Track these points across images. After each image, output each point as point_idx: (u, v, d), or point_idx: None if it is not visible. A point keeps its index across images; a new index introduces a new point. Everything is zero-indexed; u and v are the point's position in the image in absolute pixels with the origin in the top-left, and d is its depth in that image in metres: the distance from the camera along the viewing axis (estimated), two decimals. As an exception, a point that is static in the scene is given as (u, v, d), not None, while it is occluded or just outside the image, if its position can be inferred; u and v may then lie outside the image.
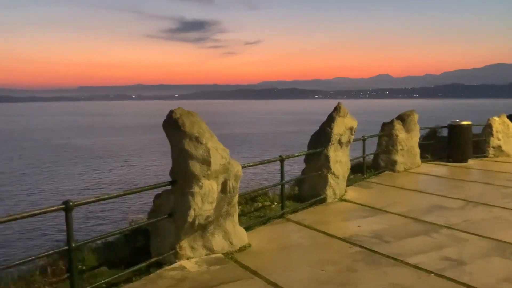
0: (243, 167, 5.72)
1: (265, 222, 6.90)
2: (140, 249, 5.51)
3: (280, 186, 7.42)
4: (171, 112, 5.27)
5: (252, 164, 7.00)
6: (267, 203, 7.95)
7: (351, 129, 8.52)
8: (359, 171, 10.56)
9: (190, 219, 5.04)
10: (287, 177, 7.52)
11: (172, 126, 5.21)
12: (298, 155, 8.07)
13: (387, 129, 11.39)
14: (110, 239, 5.59)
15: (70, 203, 4.01)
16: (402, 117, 11.62)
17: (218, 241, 5.54)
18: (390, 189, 9.42)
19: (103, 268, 4.98)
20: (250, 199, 8.07)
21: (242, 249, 5.68)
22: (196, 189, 5.07)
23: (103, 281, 4.47)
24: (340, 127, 8.26)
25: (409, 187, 9.56)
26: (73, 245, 4.08)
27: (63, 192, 26.69)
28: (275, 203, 7.93)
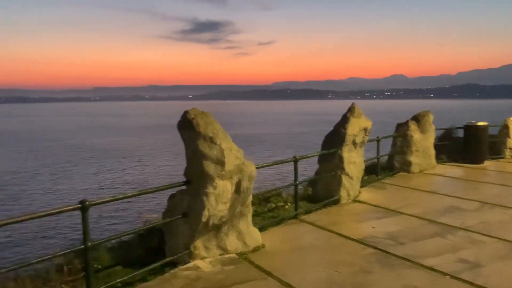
0: (257, 168, 5.72)
1: (278, 222, 6.90)
2: (154, 248, 5.53)
3: (294, 187, 7.41)
4: (186, 113, 5.30)
5: (266, 164, 7.00)
6: (281, 203, 7.93)
7: (365, 130, 8.47)
8: (373, 172, 10.50)
9: (204, 219, 5.06)
10: (300, 177, 7.50)
11: (187, 126, 5.24)
12: (311, 156, 8.04)
13: (401, 129, 11.30)
14: (125, 238, 5.62)
15: (86, 203, 4.06)
16: (417, 118, 11.51)
17: (232, 241, 5.55)
18: (405, 190, 9.34)
19: (118, 267, 5.01)
20: (263, 199, 8.06)
21: (255, 249, 5.69)
22: (210, 189, 5.09)
23: (118, 280, 4.51)
24: (354, 128, 8.22)
25: (424, 188, 9.47)
26: (89, 244, 4.13)
27: (78, 191, 26.99)
28: (288, 204, 7.92)
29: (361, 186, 8.91)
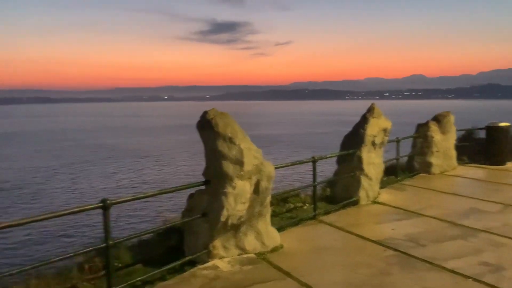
0: (275, 168, 5.72)
1: (297, 223, 6.88)
2: (173, 247, 5.57)
3: (312, 187, 7.38)
4: (205, 113, 5.32)
5: (284, 165, 6.99)
6: (299, 204, 7.91)
7: (385, 130, 8.39)
8: (393, 173, 10.38)
9: (223, 219, 5.08)
10: (318, 178, 7.47)
11: (206, 126, 5.26)
12: (330, 157, 7.99)
13: (422, 130, 11.15)
14: (144, 237, 5.68)
15: (108, 202, 4.11)
16: (438, 118, 11.35)
17: (250, 241, 5.56)
18: (425, 191, 9.21)
19: (138, 266, 5.06)
20: (281, 200, 8.04)
21: (274, 249, 5.69)
22: (229, 189, 5.11)
23: (139, 278, 4.55)
24: (374, 128, 8.15)
25: (445, 190, 9.33)
26: (110, 242, 4.18)
27: (97, 191, 27.38)
28: (307, 204, 7.89)
29: (381, 187, 8.82)
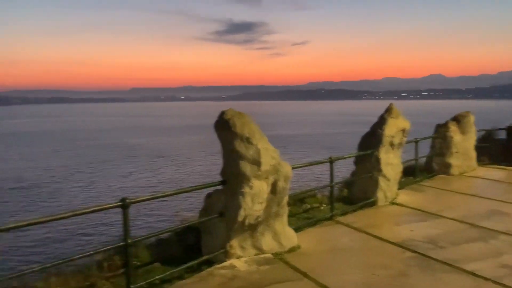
0: (292, 168, 5.71)
1: (314, 223, 6.86)
2: (191, 246, 5.61)
3: (329, 188, 7.35)
4: (223, 113, 5.34)
5: (301, 165, 6.98)
6: (316, 204, 7.88)
7: (403, 131, 8.30)
8: (411, 174, 10.24)
9: (240, 219, 5.09)
10: (335, 178, 7.42)
11: (223, 126, 5.28)
12: (347, 157, 7.94)
13: (441, 131, 11.00)
14: (162, 236, 5.72)
15: (127, 201, 4.16)
16: (457, 119, 11.18)
17: (267, 241, 5.56)
18: (445, 193, 9.09)
19: (156, 264, 5.10)
20: (298, 200, 8.02)
21: (291, 250, 5.67)
22: (246, 189, 5.12)
23: (157, 277, 4.60)
24: (392, 129, 8.07)
25: (464, 191, 9.19)
26: (129, 241, 4.23)
27: (114, 190, 27.72)
28: (323, 205, 7.85)
29: (399, 188, 8.73)
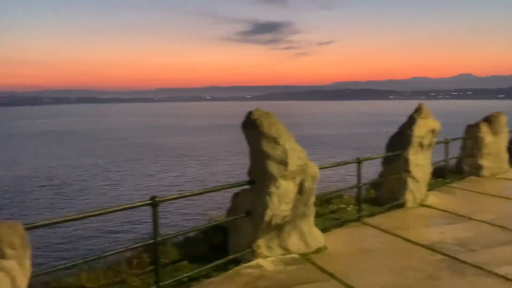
0: (320, 169, 5.68)
1: (341, 224, 6.80)
2: (217, 245, 5.64)
3: (357, 189, 7.27)
4: (250, 113, 5.35)
5: (329, 165, 6.94)
6: (342, 205, 7.81)
7: (433, 131, 8.14)
8: (441, 175, 10.02)
9: (267, 219, 5.09)
10: (362, 179, 7.33)
11: (251, 126, 5.29)
12: (375, 158, 7.85)
13: (472, 131, 10.75)
14: (189, 234, 5.78)
15: (156, 199, 4.21)
16: (489, 119, 10.90)
17: (294, 242, 5.54)
18: (475, 195, 8.87)
19: (184, 263, 5.15)
20: (324, 200, 7.97)
21: (318, 250, 5.64)
22: (273, 189, 5.12)
23: (185, 275, 4.65)
24: (422, 129, 7.92)
25: (496, 193, 8.94)
26: (159, 239, 4.29)
27: (140, 188, 28.14)
28: (350, 206, 7.77)
29: (428, 190, 8.55)
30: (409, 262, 5.31)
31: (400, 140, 8.05)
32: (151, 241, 4.30)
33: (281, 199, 5.14)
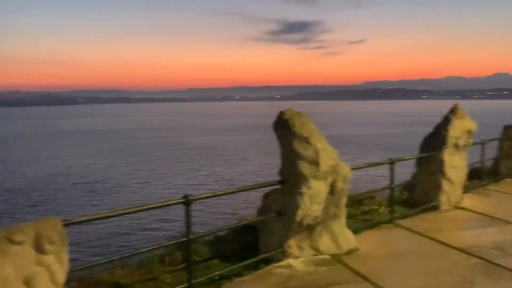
0: (352, 169, 5.63)
1: (372, 226, 6.71)
2: (248, 244, 5.66)
3: (389, 190, 7.15)
4: (281, 113, 5.35)
5: (361, 166, 6.86)
6: (374, 206, 7.70)
7: (469, 132, 7.93)
8: (476, 177, 9.74)
9: (298, 219, 5.08)
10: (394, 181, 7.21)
11: (282, 126, 5.29)
12: (409, 159, 7.70)
13: (509, 132, 10.42)
14: (220, 233, 5.83)
15: (189, 197, 4.27)
16: (528, 120, 10.53)
17: (325, 242, 5.51)
18: (512, 198, 8.59)
19: (215, 261, 5.20)
20: (356, 201, 7.88)
21: (349, 252, 5.59)
22: (304, 189, 5.10)
23: (217, 273, 4.69)
24: (457, 130, 7.73)
25: (535, 196, 8.64)
26: (191, 237, 4.34)
27: (171, 187, 28.54)
28: (382, 207, 7.66)
29: (463, 192, 8.34)
30: (443, 265, 5.19)
31: (435, 140, 7.88)
32: (184, 239, 4.36)
33: (313, 199, 5.12)
